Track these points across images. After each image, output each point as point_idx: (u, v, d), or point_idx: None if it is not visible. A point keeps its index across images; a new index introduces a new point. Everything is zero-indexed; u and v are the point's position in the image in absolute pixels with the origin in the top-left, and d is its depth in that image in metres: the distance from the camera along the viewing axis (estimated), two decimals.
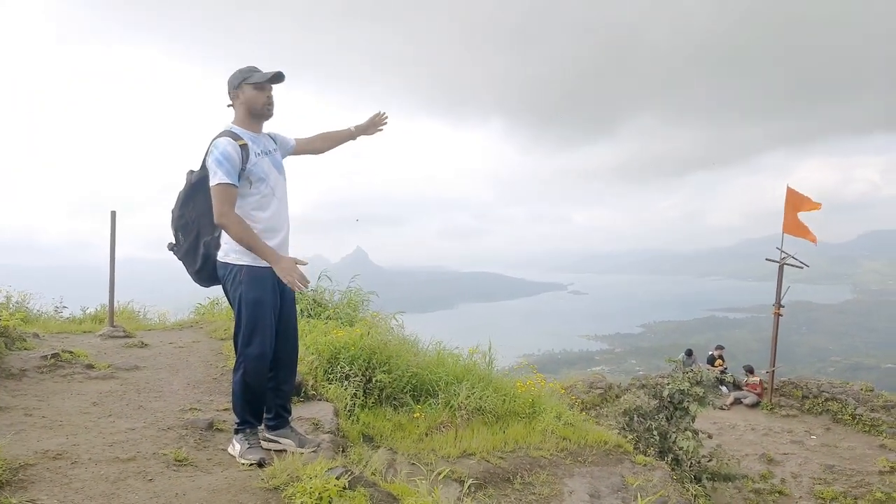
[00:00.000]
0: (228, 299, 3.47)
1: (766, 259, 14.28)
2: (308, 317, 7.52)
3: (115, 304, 7.25)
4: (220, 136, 3.30)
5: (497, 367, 6.93)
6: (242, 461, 3.28)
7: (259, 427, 3.48)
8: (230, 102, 3.43)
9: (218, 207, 3.20)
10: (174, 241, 3.59)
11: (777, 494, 9.50)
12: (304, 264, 3.29)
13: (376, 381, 5.64)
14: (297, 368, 5.01)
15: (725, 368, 15.29)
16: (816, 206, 13.75)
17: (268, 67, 3.41)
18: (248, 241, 3.20)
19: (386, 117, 4.04)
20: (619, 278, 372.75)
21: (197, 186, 3.46)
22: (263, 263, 3.28)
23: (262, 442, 3.69)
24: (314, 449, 3.57)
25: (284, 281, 3.17)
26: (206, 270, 3.52)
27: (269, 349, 3.34)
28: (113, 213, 6.83)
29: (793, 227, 13.62)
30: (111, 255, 6.87)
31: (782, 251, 13.70)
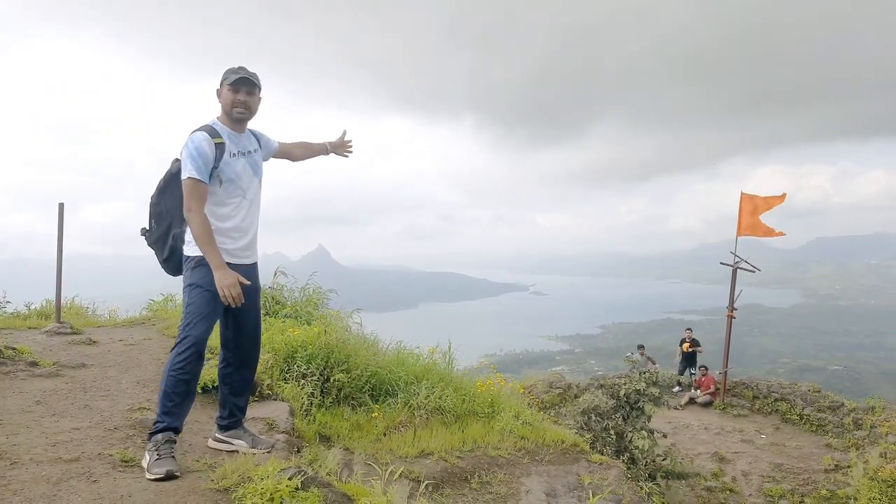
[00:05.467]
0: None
1: (721, 263, 14.66)
2: (266, 315, 7.40)
3: (63, 300, 6.99)
4: (198, 129, 3.29)
5: (458, 366, 6.93)
6: (149, 476, 2.98)
7: (176, 435, 3.23)
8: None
9: (186, 201, 3.21)
10: (147, 227, 3.55)
11: (728, 492, 9.75)
12: (247, 284, 3.29)
13: (334, 380, 5.57)
14: None
15: (697, 349, 15.90)
16: (781, 199, 14.11)
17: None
18: (202, 241, 3.20)
19: (351, 144, 4.15)
20: (580, 280, 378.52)
21: (176, 176, 3.40)
22: None
23: (215, 443, 3.58)
24: (268, 450, 3.50)
25: (221, 292, 3.16)
26: (172, 261, 3.49)
27: (207, 335, 3.26)
28: (61, 206, 6.58)
29: (753, 228, 13.96)
30: (58, 249, 6.62)
31: (736, 255, 14.09)
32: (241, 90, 3.35)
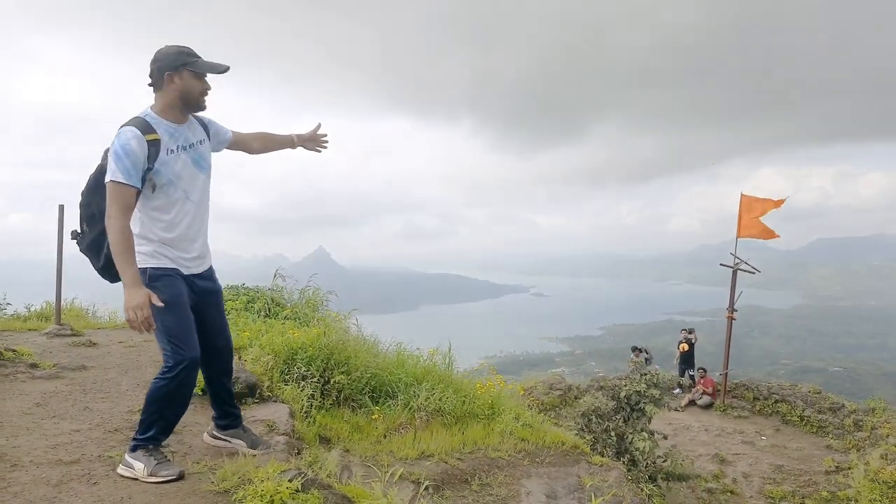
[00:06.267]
0: None
1: (721, 264, 14.65)
2: (265, 317, 7.39)
3: (63, 302, 6.99)
4: (128, 123, 2.85)
5: (458, 368, 6.92)
6: (155, 479, 2.90)
7: (163, 444, 3.13)
8: (156, 83, 2.96)
9: (108, 207, 2.77)
10: (79, 231, 3.12)
11: (728, 494, 9.74)
12: (160, 305, 2.83)
13: (334, 382, 5.57)
14: (254, 369, 4.92)
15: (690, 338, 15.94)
16: (778, 203, 14.12)
17: (211, 57, 3.23)
18: (118, 253, 2.76)
19: (326, 138, 3.76)
20: (581, 281, 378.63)
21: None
22: (168, 264, 2.99)
23: (211, 439, 3.54)
24: (266, 451, 3.47)
25: (127, 314, 2.72)
26: (111, 270, 2.99)
27: (198, 351, 3.01)
28: (61, 207, 6.59)
29: (753, 228, 13.96)
30: (58, 251, 6.62)
31: (736, 257, 14.08)
32: (204, 77, 3.01)
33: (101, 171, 2.96)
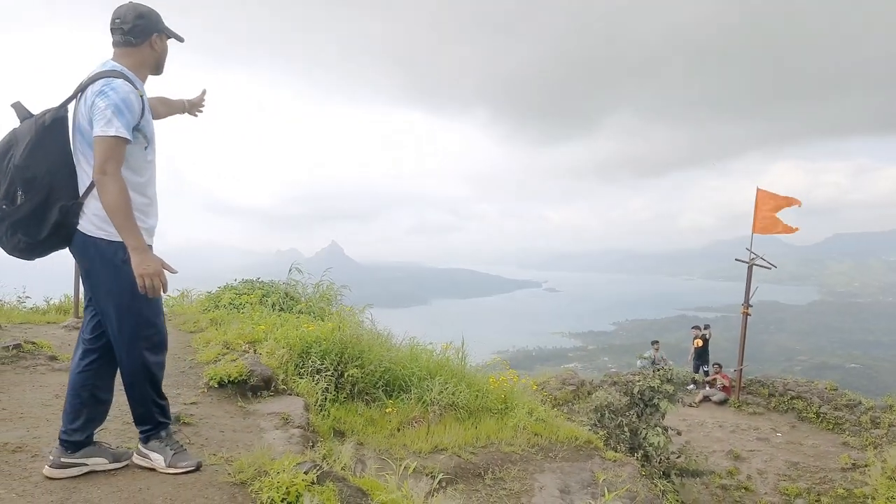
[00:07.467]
0: (97, 282, 2.88)
1: (736, 259, 14.53)
2: (280, 310, 7.44)
3: (81, 295, 7.07)
4: (115, 75, 2.66)
5: (470, 363, 6.93)
6: (174, 471, 2.93)
7: (171, 425, 3.11)
8: (136, 40, 2.77)
9: (104, 163, 2.55)
10: (4, 197, 2.64)
11: (743, 490, 9.68)
12: (174, 273, 2.77)
13: (348, 375, 5.60)
14: (269, 363, 4.95)
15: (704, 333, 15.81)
16: (796, 201, 14.01)
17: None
18: (122, 214, 2.58)
19: (204, 105, 3.54)
20: (593, 277, 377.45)
21: (53, 129, 2.66)
22: (146, 240, 2.76)
23: (58, 471, 2.91)
24: (126, 463, 3.06)
25: (141, 280, 2.63)
26: (51, 242, 2.77)
27: (167, 335, 3.06)
28: None
29: (769, 225, 13.84)
30: None
31: (752, 252, 13.94)
32: None
33: (44, 129, 2.63)
